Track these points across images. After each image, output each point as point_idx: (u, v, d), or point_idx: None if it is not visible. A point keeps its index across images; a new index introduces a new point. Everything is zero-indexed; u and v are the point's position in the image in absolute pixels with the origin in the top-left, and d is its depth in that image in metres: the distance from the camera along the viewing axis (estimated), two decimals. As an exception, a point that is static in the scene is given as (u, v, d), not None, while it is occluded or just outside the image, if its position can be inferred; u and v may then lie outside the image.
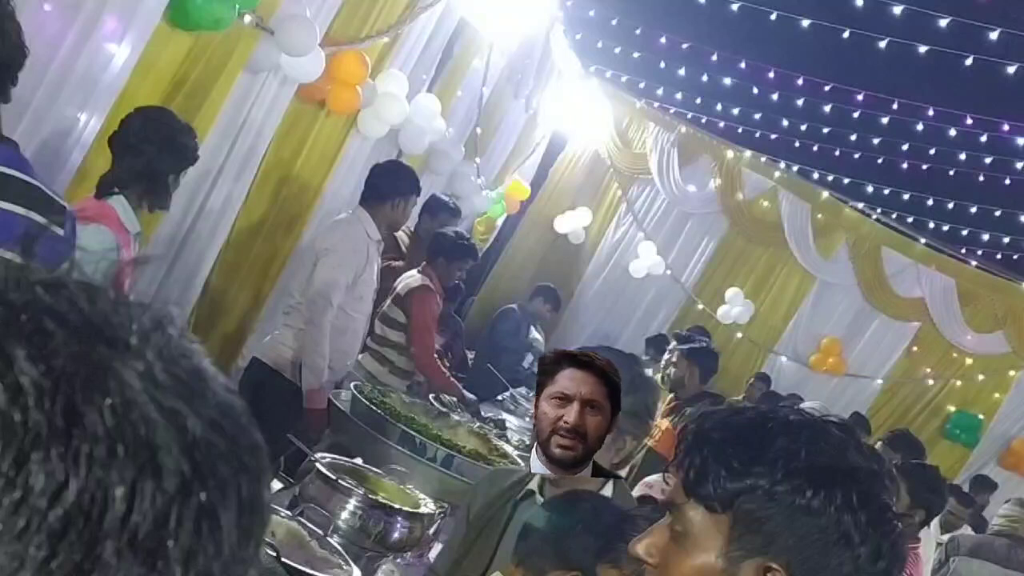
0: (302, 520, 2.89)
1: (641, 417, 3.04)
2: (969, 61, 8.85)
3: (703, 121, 12.44)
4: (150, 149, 3.85)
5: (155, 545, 0.55)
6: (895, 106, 10.65)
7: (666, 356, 7.33)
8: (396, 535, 3.31)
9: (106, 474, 0.54)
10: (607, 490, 2.89)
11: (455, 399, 5.95)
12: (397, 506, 3.32)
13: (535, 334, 10.53)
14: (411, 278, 6.31)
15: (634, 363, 3.13)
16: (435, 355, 6.30)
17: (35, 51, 3.68)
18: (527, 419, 6.88)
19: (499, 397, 7.57)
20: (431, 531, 3.51)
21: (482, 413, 6.05)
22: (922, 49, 8.96)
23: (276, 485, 3.59)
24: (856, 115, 10.99)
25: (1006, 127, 10.32)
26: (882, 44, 9.19)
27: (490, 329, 10.14)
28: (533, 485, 2.90)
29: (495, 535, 2.85)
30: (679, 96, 12.21)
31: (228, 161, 6.25)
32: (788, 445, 1.47)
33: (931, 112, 10.42)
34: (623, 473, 3.33)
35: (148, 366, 0.58)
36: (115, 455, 0.54)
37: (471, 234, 9.97)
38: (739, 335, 12.72)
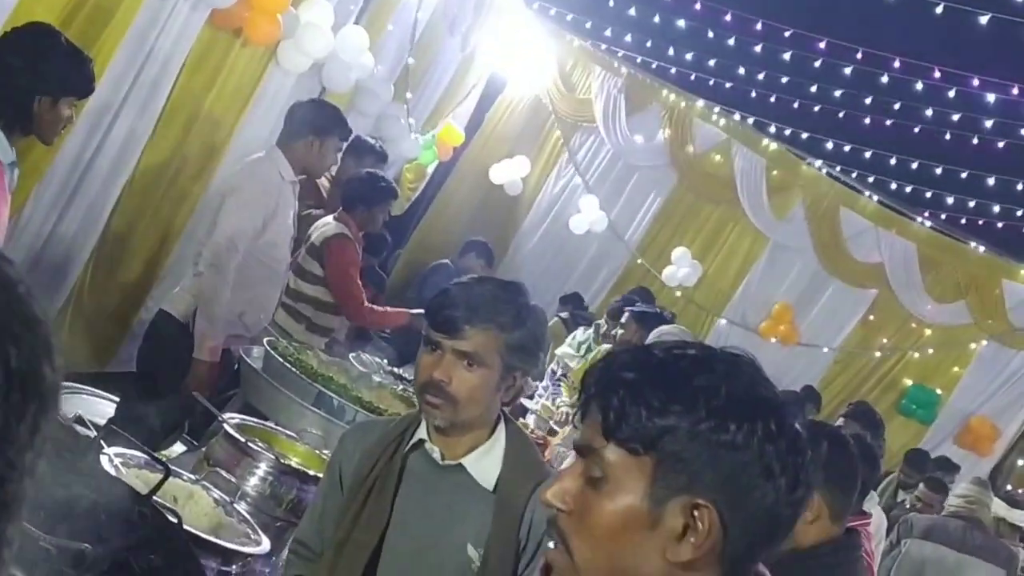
0: (207, 485, 2.86)
1: (529, 350, 3.03)
2: (940, 9, 8.90)
3: (653, 66, 12.40)
4: (14, 68, 3.75)
5: None
6: (859, 56, 10.70)
7: (621, 320, 7.55)
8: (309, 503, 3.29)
9: None
10: (499, 435, 2.91)
11: (377, 359, 5.93)
12: (312, 472, 3.30)
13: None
14: (326, 226, 6.26)
15: (518, 293, 3.12)
16: (363, 301, 6.25)
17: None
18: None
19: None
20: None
21: (405, 376, 6.01)
22: (890, -5, 9.03)
23: (179, 448, 3.55)
24: (817, 64, 11.03)
25: (976, 82, 10.42)
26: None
27: (420, 285, 10.11)
28: (422, 432, 2.88)
29: (388, 494, 2.82)
30: (628, 38, 12.17)
31: (132, 92, 6.17)
32: (707, 382, 1.52)
33: (897, 64, 10.48)
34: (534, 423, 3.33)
35: None
36: None
37: (399, 182, 9.92)
38: (684, 298, 12.79)
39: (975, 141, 11.27)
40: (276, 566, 3.00)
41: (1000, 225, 12.51)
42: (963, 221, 12.70)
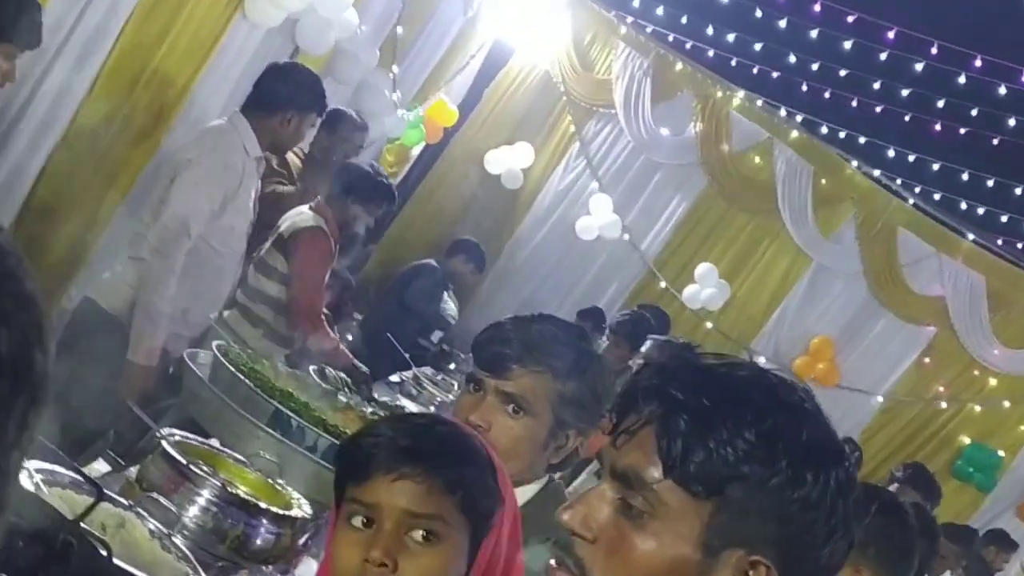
0: (141, 512, 2.86)
1: (586, 406, 3.04)
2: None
3: (687, 47, 12.38)
4: None
5: None
6: (934, 50, 10.72)
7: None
8: (259, 541, 3.29)
9: None
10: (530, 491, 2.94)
11: (342, 375, 5.92)
12: (263, 505, 3.30)
13: (448, 303, 10.54)
14: (300, 216, 6.25)
15: (579, 337, 3.14)
16: (320, 313, 6.25)
17: None
18: (432, 408, 6.89)
19: (396, 377, 7.54)
20: (302, 541, 3.50)
21: (375, 395, 6.02)
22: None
23: (101, 466, 3.55)
24: (883, 57, 11.06)
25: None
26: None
27: (399, 288, 10.07)
28: None
29: None
30: (660, 11, 12.19)
31: (69, 41, 6.17)
32: (788, 422, 1.57)
33: (978, 62, 10.50)
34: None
35: None
36: None
37: (379, 164, 9.92)
38: (708, 324, 12.78)
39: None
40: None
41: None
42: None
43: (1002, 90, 10.71)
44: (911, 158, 12.36)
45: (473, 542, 2.12)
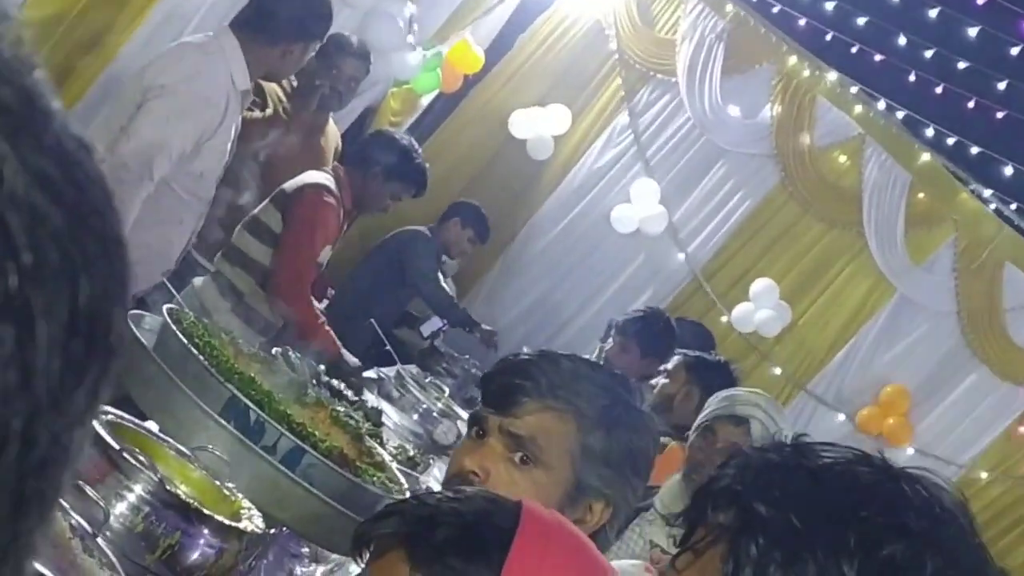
0: (63, 503, 2.85)
1: (618, 470, 2.96)
2: None
3: (775, 10, 12.36)
4: None
5: None
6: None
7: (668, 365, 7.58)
8: (195, 555, 3.28)
9: None
10: None
11: (312, 363, 5.90)
12: (206, 511, 3.29)
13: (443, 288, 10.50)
14: (308, 173, 6.25)
15: (620, 384, 3.06)
16: (307, 287, 6.24)
17: None
18: (415, 416, 6.88)
19: (374, 373, 7.52)
20: (247, 562, 3.49)
21: (349, 395, 5.99)
22: None
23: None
24: (1015, 52, 11.05)
25: None
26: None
27: (386, 259, 9.96)
28: None
29: None
30: (746, -38, 12.21)
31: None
32: (907, 554, 1.49)
33: None
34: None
35: None
36: None
37: (379, 111, 9.91)
38: (758, 353, 12.79)
39: None
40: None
41: None
42: None
43: None
44: (1033, 172, 12.34)
45: None
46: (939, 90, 11.95)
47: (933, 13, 11.02)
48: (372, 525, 2.12)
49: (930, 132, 12.42)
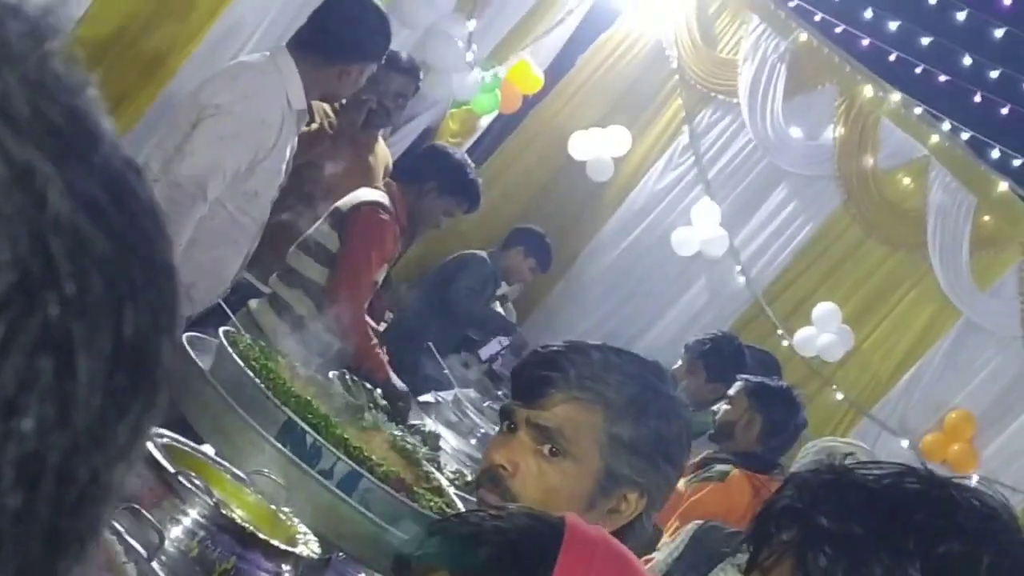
0: (116, 527, 2.84)
1: (652, 459, 2.94)
2: None
3: (838, 31, 12.34)
4: None
5: None
6: None
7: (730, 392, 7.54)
8: (253, 580, 3.28)
9: None
10: None
11: (368, 385, 5.89)
12: (262, 536, 3.28)
13: (506, 315, 10.48)
14: (362, 192, 6.25)
15: (652, 372, 3.04)
16: (363, 305, 6.22)
17: None
18: (473, 441, 6.86)
19: (431, 397, 7.51)
20: (304, 587, 3.48)
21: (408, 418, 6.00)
22: None
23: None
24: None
25: None
26: None
27: (440, 284, 9.95)
28: None
29: None
30: (811, -15, 12.19)
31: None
32: (963, 553, 1.52)
33: None
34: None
35: (3, 93, 0.53)
36: None
37: (438, 133, 9.92)
38: (820, 378, 12.69)
39: None
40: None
41: None
42: None
43: None
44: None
45: None
46: (1005, 111, 11.90)
47: (999, 33, 10.97)
48: (415, 546, 2.11)
49: (996, 154, 12.36)
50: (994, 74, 11.56)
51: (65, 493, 0.53)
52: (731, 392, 7.59)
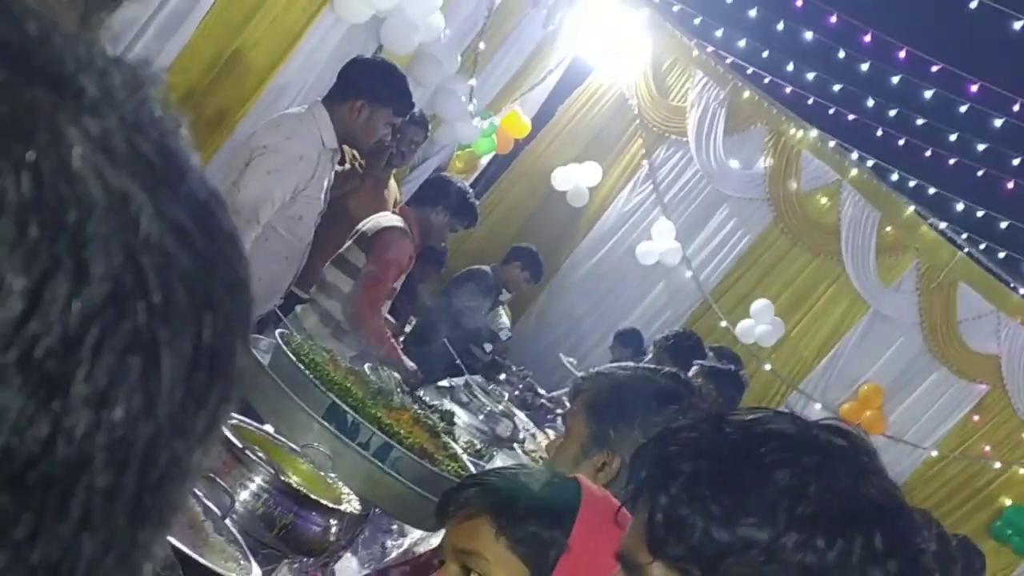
0: (196, 491, 2.83)
1: (619, 419, 2.95)
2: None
3: (766, 81, 12.29)
4: None
5: (55, 372, 0.48)
6: (1016, 107, 10.64)
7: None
8: (306, 533, 3.26)
9: (5, 258, 0.48)
10: None
11: (396, 375, 5.87)
12: (313, 496, 3.27)
13: (502, 315, 10.47)
14: (383, 217, 6.23)
15: (651, 374, 3.05)
16: (380, 309, 6.20)
17: None
18: (481, 417, 6.86)
19: (447, 383, 7.50)
20: (347, 537, 3.47)
21: (423, 397, 5.97)
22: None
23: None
24: (963, 110, 10.97)
25: None
26: (1017, 25, 9.15)
27: (452, 293, 9.99)
28: None
29: None
30: (742, 43, 12.15)
31: (160, 13, 6.15)
32: (791, 479, 1.37)
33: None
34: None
35: (105, 130, 0.52)
36: (24, 234, 0.48)
37: (446, 171, 9.89)
38: (757, 360, 12.65)
39: None
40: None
41: None
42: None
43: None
44: (979, 214, 12.24)
45: None
46: (902, 142, 11.89)
47: (895, 79, 10.96)
48: (458, 493, 2.09)
49: (895, 176, 12.37)
50: (892, 113, 11.55)
51: (148, 474, 0.52)
52: (690, 374, 7.60)
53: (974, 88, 10.76)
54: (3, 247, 0.47)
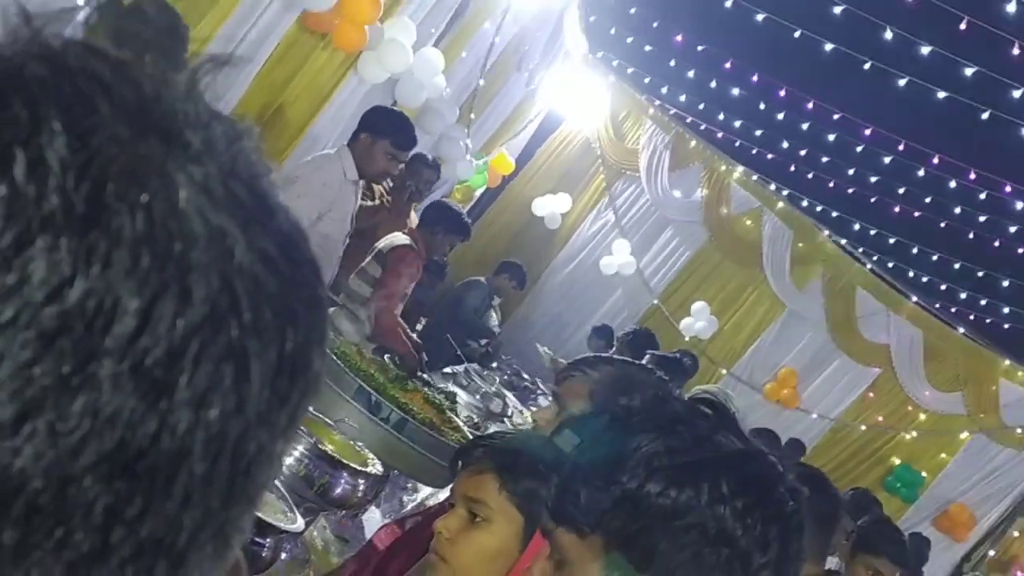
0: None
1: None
2: (986, 116, 8.86)
3: (701, 128, 12.37)
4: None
5: (162, 378, 0.48)
6: (901, 147, 10.67)
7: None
8: (339, 491, 3.24)
9: (122, 282, 0.47)
10: None
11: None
12: (345, 461, 3.25)
13: (492, 316, 10.45)
14: (395, 237, 6.20)
15: (626, 364, 3.02)
16: (396, 306, 6.16)
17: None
18: (477, 396, 6.83)
19: (450, 369, 7.48)
20: (372, 494, 3.45)
21: (431, 381, 5.95)
22: (941, 95, 8.95)
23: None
24: (859, 149, 11.02)
25: (1008, 188, 10.37)
26: (902, 82, 9.17)
27: (455, 299, 10.00)
28: None
29: None
30: (682, 98, 12.20)
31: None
32: (649, 443, 1.35)
33: (936, 160, 10.45)
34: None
35: (206, 176, 0.51)
36: (138, 264, 0.47)
37: (448, 199, 9.88)
38: (697, 350, 12.57)
39: (996, 244, 11.22)
40: (303, 545, 2.95)
41: (1007, 327, 12.44)
42: (971, 317, 12.63)
43: (952, 184, 10.67)
44: (872, 232, 12.31)
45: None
46: (810, 176, 11.94)
47: (805, 126, 10.99)
48: (469, 451, 2.07)
49: (805, 203, 12.44)
50: (802, 152, 11.59)
51: (239, 462, 0.52)
52: (644, 360, 7.58)
53: (867, 132, 10.79)
54: (120, 274, 0.47)
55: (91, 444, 0.47)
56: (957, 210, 11.06)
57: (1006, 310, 12.25)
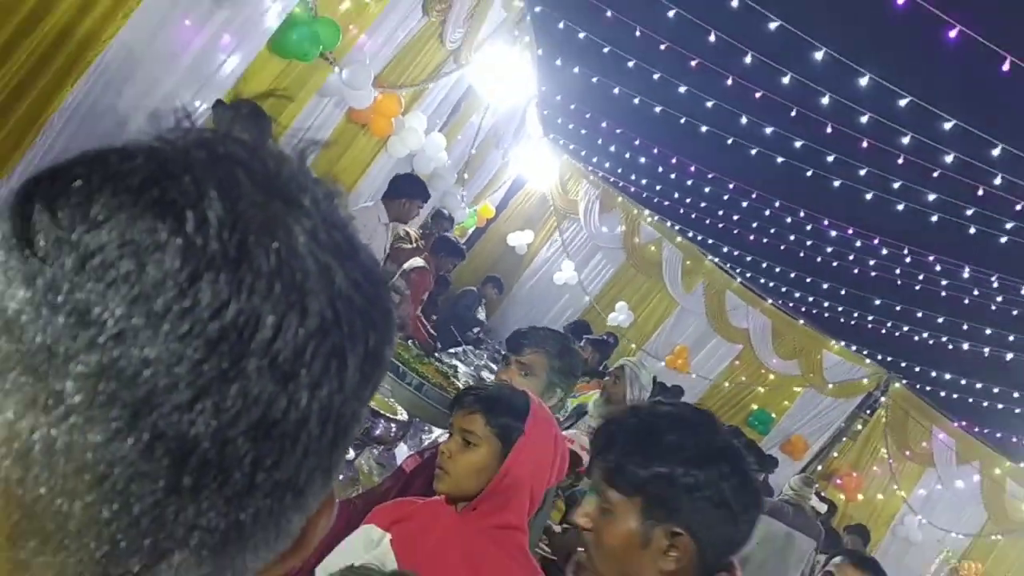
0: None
1: (567, 376, 2.92)
2: (809, 174, 8.91)
3: (620, 185, 12.40)
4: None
5: (290, 370, 0.48)
6: (754, 196, 10.72)
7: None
8: (378, 431, 3.23)
9: (262, 304, 0.47)
10: None
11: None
12: (381, 411, 3.22)
13: (481, 312, 10.42)
14: (415, 261, 6.18)
15: (564, 338, 3.01)
16: (417, 315, 6.13)
17: (171, 50, 3.50)
18: (471, 368, 6.79)
19: (453, 350, 7.44)
20: (401, 434, 3.43)
21: (440, 358, 5.91)
22: (779, 160, 8.97)
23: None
24: (726, 197, 11.06)
25: (826, 222, 10.43)
26: (753, 152, 9.19)
27: (454, 301, 9.96)
28: None
29: None
30: (607, 165, 12.21)
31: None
32: (677, 440, 1.41)
33: (777, 204, 10.51)
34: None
35: (314, 226, 0.51)
36: (272, 290, 0.48)
37: (450, 235, 9.86)
38: (620, 334, 12.53)
39: (818, 259, 11.30)
40: (354, 469, 2.91)
41: (827, 315, 12.54)
42: (803, 309, 12.70)
43: (788, 220, 10.73)
44: (736, 253, 12.35)
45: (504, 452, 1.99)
46: (693, 215, 11.95)
47: (689, 182, 11.04)
48: (464, 397, 2.05)
49: (690, 234, 12.43)
50: (688, 200, 11.62)
51: (339, 424, 0.51)
52: (580, 343, 7.52)
53: (731, 186, 10.85)
54: (260, 298, 0.47)
55: (243, 416, 0.47)
56: (792, 238, 11.13)
57: (826, 304, 12.32)
